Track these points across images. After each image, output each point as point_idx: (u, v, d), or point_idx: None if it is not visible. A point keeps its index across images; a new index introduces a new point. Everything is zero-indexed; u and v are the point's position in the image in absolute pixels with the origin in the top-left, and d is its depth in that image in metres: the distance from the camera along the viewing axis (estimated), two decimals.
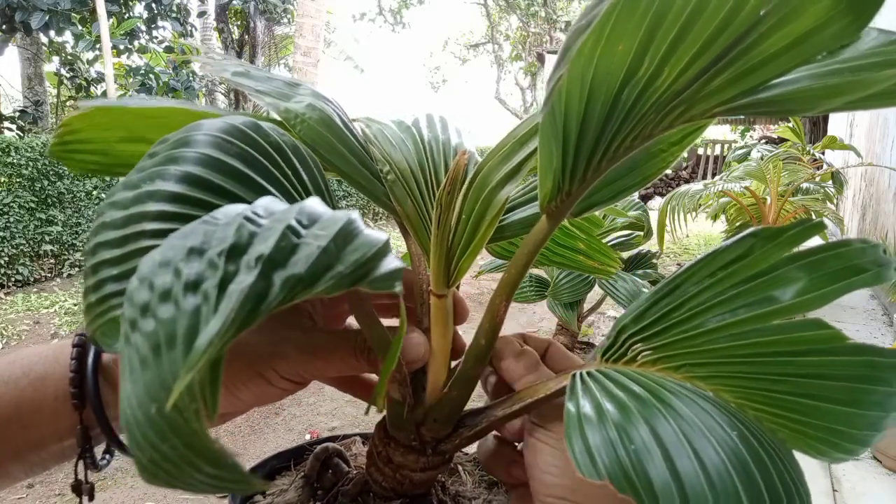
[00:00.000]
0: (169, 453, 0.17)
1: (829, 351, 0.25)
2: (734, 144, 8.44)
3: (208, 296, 0.17)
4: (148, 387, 0.17)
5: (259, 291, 0.17)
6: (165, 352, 0.17)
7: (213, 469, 0.17)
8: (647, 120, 0.26)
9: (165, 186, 0.27)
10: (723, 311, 0.27)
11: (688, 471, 0.23)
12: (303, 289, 0.17)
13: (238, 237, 0.19)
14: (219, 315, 0.16)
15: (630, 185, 0.36)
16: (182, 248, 0.19)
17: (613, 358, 0.32)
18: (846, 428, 0.25)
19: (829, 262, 0.25)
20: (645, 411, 0.25)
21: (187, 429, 0.16)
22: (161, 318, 0.17)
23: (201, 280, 0.18)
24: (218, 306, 0.17)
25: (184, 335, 0.17)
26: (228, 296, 0.17)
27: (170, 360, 0.17)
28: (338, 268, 0.18)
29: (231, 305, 0.16)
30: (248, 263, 0.18)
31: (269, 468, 0.57)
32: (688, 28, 0.22)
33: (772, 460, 0.24)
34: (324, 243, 0.18)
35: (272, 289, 0.17)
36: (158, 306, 0.18)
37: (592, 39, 0.23)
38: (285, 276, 0.17)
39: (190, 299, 0.17)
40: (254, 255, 0.18)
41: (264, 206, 0.21)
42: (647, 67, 0.24)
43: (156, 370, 0.17)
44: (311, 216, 0.20)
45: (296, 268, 0.18)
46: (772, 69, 0.23)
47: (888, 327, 2.98)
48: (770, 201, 2.89)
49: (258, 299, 0.17)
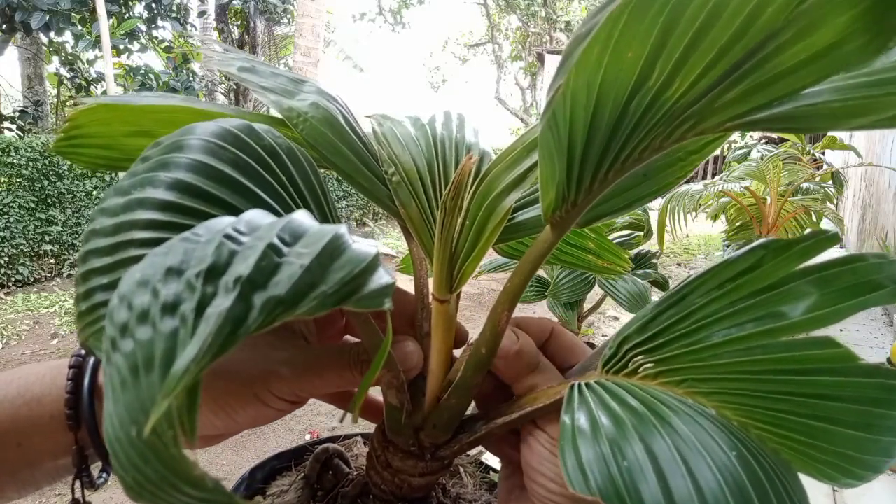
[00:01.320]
0: (151, 475, 0.17)
1: (839, 371, 0.24)
2: (734, 144, 8.44)
3: (186, 319, 0.17)
4: (128, 408, 0.17)
5: (237, 315, 0.16)
6: (143, 374, 0.16)
7: (195, 491, 0.17)
8: (656, 131, 0.25)
9: (155, 194, 0.27)
10: (729, 325, 0.27)
11: (681, 491, 0.22)
12: (284, 310, 0.17)
13: (217, 257, 0.18)
14: (195, 340, 0.16)
15: (645, 195, 0.35)
16: (161, 267, 0.18)
17: (614, 369, 0.31)
18: (857, 453, 0.24)
19: (843, 277, 0.24)
20: (641, 427, 0.25)
21: (166, 453, 0.16)
22: (139, 340, 0.17)
23: (179, 302, 0.17)
24: (195, 330, 0.16)
25: (161, 358, 0.16)
26: (206, 319, 0.16)
27: (148, 383, 0.16)
28: (321, 287, 0.18)
29: (208, 330, 0.16)
30: (226, 285, 0.17)
31: (269, 469, 0.56)
32: (701, 35, 0.21)
33: (771, 483, 0.23)
34: (307, 262, 0.18)
35: (251, 311, 0.16)
36: (137, 327, 0.17)
37: (600, 45, 0.22)
38: (265, 297, 0.17)
39: (167, 321, 0.17)
40: (233, 276, 0.17)
41: (247, 222, 0.20)
42: (657, 76, 0.23)
43: (134, 392, 0.16)
44: (294, 232, 0.19)
45: (276, 289, 0.17)
46: (790, 83, 0.21)
47: (888, 327, 2.97)
48: (770, 201, 2.88)
49: (236, 323, 0.16)
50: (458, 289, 0.36)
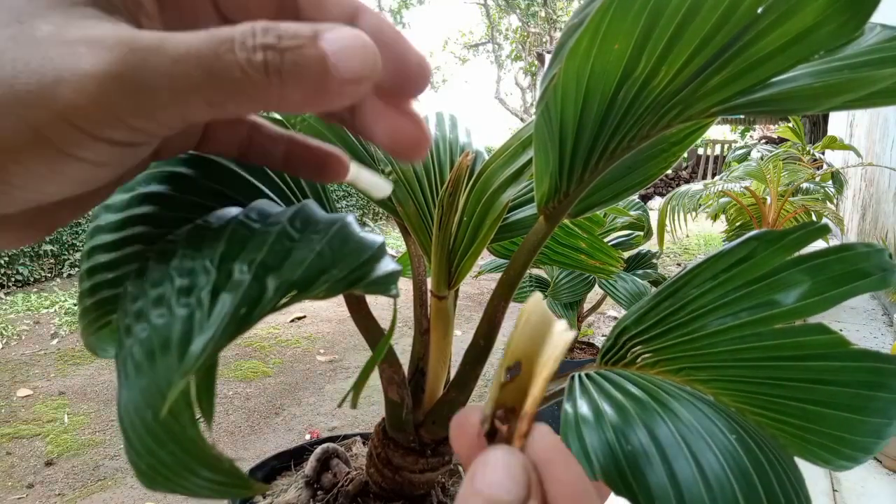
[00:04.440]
0: (167, 459, 0.17)
1: (831, 356, 0.25)
2: (734, 144, 8.44)
3: (202, 301, 0.17)
4: (144, 393, 0.17)
5: (253, 296, 0.17)
6: (160, 358, 0.17)
7: (211, 474, 0.17)
8: (644, 120, 0.26)
9: (159, 189, 0.27)
10: (724, 315, 0.27)
11: (686, 475, 0.23)
12: (297, 293, 0.17)
13: (230, 242, 0.18)
14: (212, 321, 0.16)
15: (631, 185, 0.36)
16: (176, 254, 0.18)
17: (613, 360, 0.31)
18: (849, 435, 0.25)
19: (833, 265, 0.25)
20: (643, 414, 0.25)
21: (184, 435, 0.16)
22: (155, 325, 0.17)
23: (194, 286, 0.17)
24: (212, 312, 0.16)
25: (178, 341, 0.16)
26: (222, 301, 0.17)
27: (165, 365, 0.16)
28: (332, 272, 0.18)
29: (225, 311, 0.16)
30: (240, 269, 0.17)
31: (269, 468, 0.57)
32: (684, 26, 0.22)
33: (771, 466, 0.24)
34: (318, 247, 0.18)
35: (266, 293, 0.17)
36: (152, 312, 0.17)
37: (588, 38, 0.22)
38: (279, 280, 0.17)
39: (183, 305, 0.17)
40: (247, 259, 0.18)
41: (258, 210, 0.21)
42: (643, 66, 0.23)
43: (151, 376, 0.17)
44: (305, 219, 0.20)
45: (290, 272, 0.17)
46: (770, 67, 0.22)
47: (888, 327, 2.97)
48: (770, 201, 2.88)
49: (252, 304, 0.17)
50: (456, 285, 0.36)
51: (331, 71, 0.17)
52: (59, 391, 2.34)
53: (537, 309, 0.18)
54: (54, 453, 1.89)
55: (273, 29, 0.17)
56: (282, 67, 0.16)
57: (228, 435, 2.02)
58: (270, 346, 2.74)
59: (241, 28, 0.17)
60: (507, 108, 12.53)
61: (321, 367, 2.52)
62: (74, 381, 2.43)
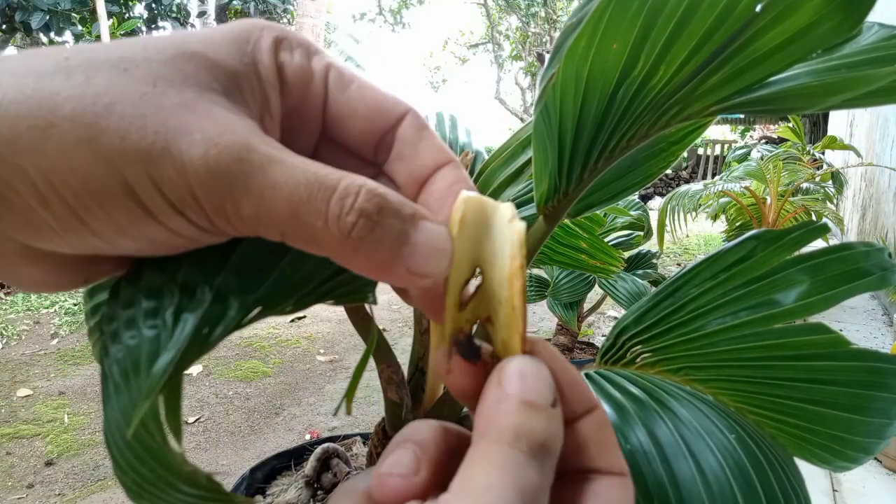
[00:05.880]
0: (149, 475, 0.17)
1: (830, 356, 0.24)
2: (734, 144, 8.44)
3: (166, 322, 0.17)
4: (122, 411, 0.17)
5: (215, 316, 0.17)
6: (132, 378, 0.17)
7: (192, 489, 0.18)
8: (643, 119, 0.26)
9: None
10: (724, 314, 0.27)
11: (685, 474, 0.23)
12: (262, 309, 0.17)
13: (193, 262, 0.18)
14: (173, 342, 0.17)
15: (630, 185, 0.36)
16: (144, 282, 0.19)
17: (613, 359, 0.31)
18: (849, 435, 0.25)
19: (832, 265, 0.25)
20: (643, 413, 0.25)
21: (160, 452, 0.17)
22: (128, 346, 0.18)
23: (160, 309, 0.18)
24: (173, 333, 0.17)
25: (146, 362, 0.17)
26: (183, 322, 0.17)
27: (136, 385, 0.17)
28: (303, 288, 0.18)
29: (186, 331, 0.17)
30: (202, 289, 0.17)
31: (269, 468, 0.57)
32: (683, 25, 0.22)
33: (771, 465, 0.24)
34: (282, 263, 0.18)
35: (228, 312, 0.17)
36: (125, 334, 0.18)
37: (586, 37, 0.22)
38: (241, 299, 0.17)
39: (150, 328, 0.17)
40: (209, 279, 0.18)
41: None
42: (642, 66, 0.23)
43: (126, 395, 0.17)
44: None
45: (252, 289, 0.17)
46: (768, 66, 0.22)
47: (888, 327, 2.97)
48: (770, 201, 2.88)
49: (214, 323, 0.17)
50: None
51: (405, 259, 0.17)
52: (59, 391, 2.33)
53: (471, 207, 0.16)
54: (54, 453, 1.89)
55: (378, 197, 0.17)
56: (364, 238, 0.16)
57: (228, 435, 2.02)
58: (270, 346, 2.74)
59: (348, 181, 0.17)
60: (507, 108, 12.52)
61: (321, 367, 2.52)
62: (74, 381, 2.43)
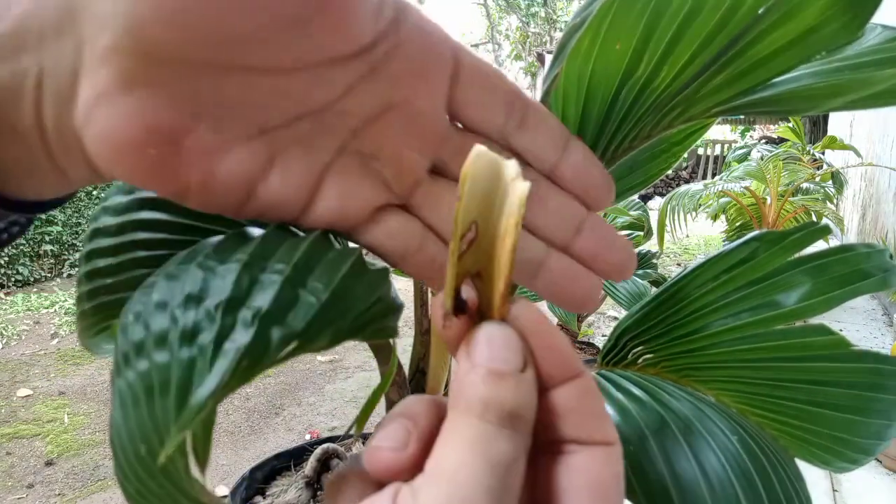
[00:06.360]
0: (156, 490, 0.17)
1: (832, 357, 0.24)
2: (734, 144, 8.43)
3: (204, 350, 0.17)
4: (140, 427, 0.17)
5: (256, 349, 0.17)
6: (159, 397, 0.17)
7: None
8: (645, 120, 0.26)
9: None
10: (725, 315, 0.27)
11: (687, 474, 0.23)
12: (300, 344, 0.17)
13: (237, 288, 0.18)
14: (214, 374, 0.16)
15: (632, 186, 0.36)
16: (180, 293, 0.18)
17: (614, 361, 0.31)
18: (850, 436, 0.25)
19: (834, 266, 0.25)
20: (644, 414, 0.25)
21: (177, 476, 0.17)
22: (156, 362, 0.17)
23: (198, 331, 0.17)
24: (213, 363, 0.16)
25: (177, 386, 0.17)
26: (224, 353, 0.16)
27: (163, 407, 0.17)
28: (337, 322, 0.18)
29: (226, 365, 0.16)
30: (244, 319, 0.17)
31: (269, 468, 0.57)
32: (686, 26, 0.22)
33: (773, 466, 0.24)
34: (324, 297, 0.18)
35: (270, 346, 0.17)
36: (154, 349, 0.17)
37: (589, 38, 0.22)
38: (283, 332, 0.17)
39: (185, 349, 0.17)
40: (252, 309, 0.17)
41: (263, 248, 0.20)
42: (645, 66, 0.23)
43: (148, 413, 0.17)
44: (310, 260, 0.19)
45: (294, 323, 0.17)
46: (771, 68, 0.22)
47: (888, 327, 2.97)
48: (770, 201, 2.88)
49: (255, 357, 0.16)
50: None
51: None
52: (59, 391, 2.33)
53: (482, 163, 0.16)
54: (54, 453, 1.89)
55: None
56: None
57: (228, 435, 2.02)
58: None
59: None
60: None
61: (321, 367, 2.52)
62: (74, 381, 2.43)
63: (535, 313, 0.17)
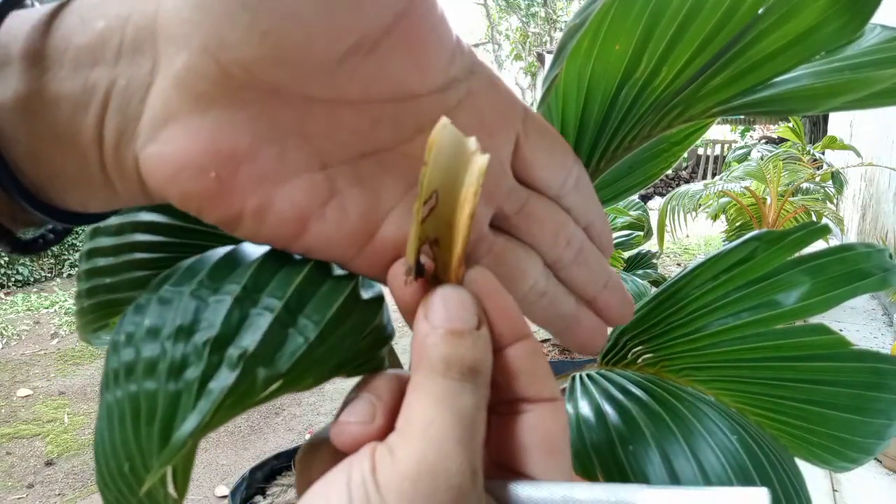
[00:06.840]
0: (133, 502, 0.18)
1: (832, 357, 0.24)
2: (734, 144, 8.43)
3: (190, 386, 0.17)
4: (124, 445, 0.17)
5: (239, 389, 0.17)
6: (144, 424, 0.17)
7: None
8: (645, 120, 0.26)
9: None
10: (725, 315, 0.27)
11: (687, 474, 0.23)
12: (284, 384, 0.17)
13: (226, 325, 0.18)
14: (196, 412, 0.16)
15: (632, 185, 0.36)
16: (171, 322, 0.18)
17: (614, 360, 0.31)
18: (850, 436, 0.25)
19: (833, 266, 0.25)
20: (644, 414, 0.25)
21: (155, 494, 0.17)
22: (144, 389, 0.17)
23: (185, 365, 0.17)
24: (197, 402, 0.17)
25: (162, 417, 0.17)
26: (208, 393, 0.17)
27: (147, 435, 0.17)
28: (324, 362, 0.18)
29: (208, 406, 0.16)
30: (230, 359, 0.17)
31: (269, 469, 0.57)
32: (685, 26, 0.22)
33: (772, 466, 0.24)
34: (311, 336, 0.18)
35: (254, 386, 0.17)
36: (143, 375, 0.18)
37: (589, 39, 0.22)
38: (267, 373, 0.17)
39: (172, 382, 0.17)
40: (238, 348, 0.17)
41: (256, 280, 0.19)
42: (644, 67, 0.23)
43: (133, 435, 0.17)
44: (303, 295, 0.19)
45: (279, 364, 0.17)
46: (771, 68, 0.22)
47: (888, 327, 2.97)
48: (770, 201, 2.88)
49: (238, 396, 0.17)
50: None
51: None
52: (59, 391, 2.34)
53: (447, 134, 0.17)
54: (54, 453, 1.89)
55: None
56: None
57: (228, 435, 2.02)
58: None
59: None
60: None
61: None
62: (74, 381, 2.43)
63: (489, 277, 0.18)
